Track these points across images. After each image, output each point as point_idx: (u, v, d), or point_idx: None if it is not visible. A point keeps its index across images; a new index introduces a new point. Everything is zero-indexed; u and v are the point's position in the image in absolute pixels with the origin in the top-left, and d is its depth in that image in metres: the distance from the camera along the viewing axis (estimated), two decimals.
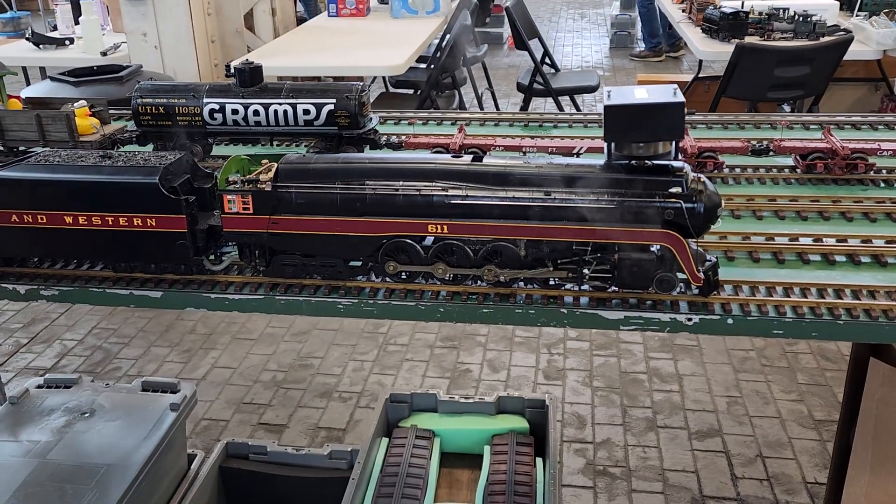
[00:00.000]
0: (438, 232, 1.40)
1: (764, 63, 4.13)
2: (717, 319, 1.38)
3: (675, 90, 1.31)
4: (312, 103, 2.03)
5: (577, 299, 1.44)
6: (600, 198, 1.34)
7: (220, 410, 3.39)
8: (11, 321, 4.09)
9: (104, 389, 2.63)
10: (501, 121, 2.51)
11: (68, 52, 5.05)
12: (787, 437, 3.11)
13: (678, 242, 1.31)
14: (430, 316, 1.48)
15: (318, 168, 1.46)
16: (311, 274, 1.51)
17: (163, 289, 1.55)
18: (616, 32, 9.41)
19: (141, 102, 2.11)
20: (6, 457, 2.34)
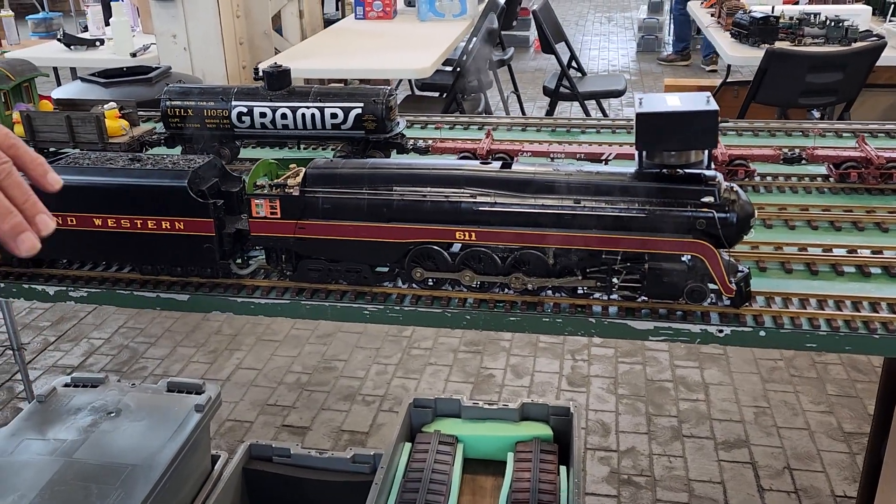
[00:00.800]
0: (466, 239, 1.39)
1: (795, 69, 4.08)
2: (749, 331, 1.35)
3: (708, 98, 1.29)
4: (340, 107, 2.03)
5: (606, 309, 1.42)
6: (631, 206, 1.32)
7: (245, 412, 3.40)
8: (40, 319, 4.14)
9: (130, 389, 2.65)
10: (528, 126, 2.49)
11: (98, 53, 5.12)
12: (816, 449, 3.06)
13: (710, 253, 1.29)
14: (456, 323, 1.47)
15: (346, 173, 1.45)
16: (337, 279, 1.50)
17: (189, 292, 1.55)
18: (643, 36, 9.34)
19: (170, 105, 2.12)
20: (33, 455, 2.37)
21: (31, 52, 5.20)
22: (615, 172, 1.37)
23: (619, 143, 2.27)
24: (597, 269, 1.38)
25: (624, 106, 7.34)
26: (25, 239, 0.76)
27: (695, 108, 1.25)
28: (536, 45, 9.57)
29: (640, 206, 1.32)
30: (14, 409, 3.45)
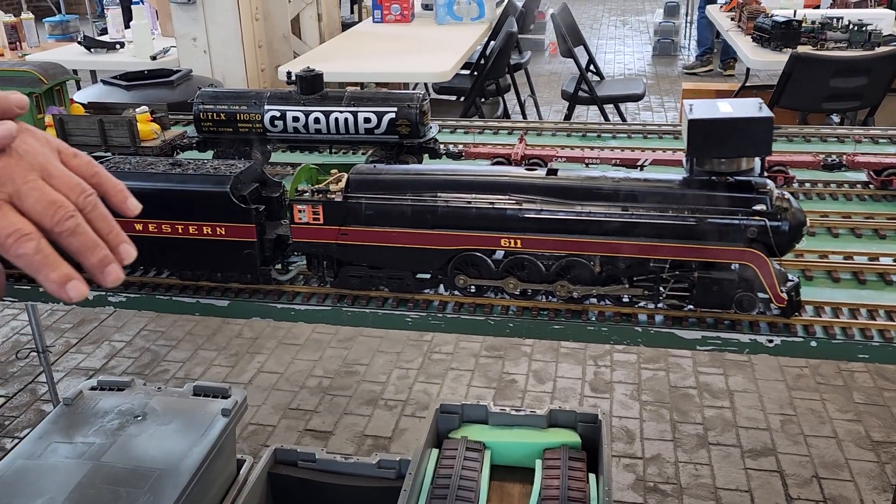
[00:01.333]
0: (511, 246, 1.38)
1: (819, 73, 4.04)
2: (800, 342, 1.33)
3: (760, 104, 1.27)
4: (373, 111, 2.02)
5: (652, 317, 1.40)
6: (680, 214, 1.30)
7: (267, 415, 3.39)
8: (62, 321, 4.15)
9: (156, 393, 2.64)
10: (559, 131, 2.47)
11: (119, 56, 5.13)
12: (844, 457, 3.03)
13: (762, 262, 1.27)
14: (499, 331, 1.45)
15: (389, 179, 1.44)
16: (379, 286, 1.49)
17: (229, 297, 1.54)
18: (659, 40, 9.31)
19: (202, 108, 2.11)
20: (61, 458, 2.36)
21: (51, 54, 5.22)
22: (663, 179, 1.36)
23: (651, 148, 2.25)
24: (644, 278, 1.36)
25: (641, 110, 7.31)
26: (112, 271, 0.76)
27: (749, 114, 1.24)
28: (552, 48, 9.56)
29: (690, 213, 1.30)
30: (37, 412, 3.46)
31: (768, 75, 7.46)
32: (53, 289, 0.75)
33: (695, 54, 8.68)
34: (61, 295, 0.75)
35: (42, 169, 0.76)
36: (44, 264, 0.74)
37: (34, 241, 0.74)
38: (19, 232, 0.73)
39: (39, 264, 0.74)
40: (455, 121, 2.58)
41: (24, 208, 0.74)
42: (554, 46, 9.57)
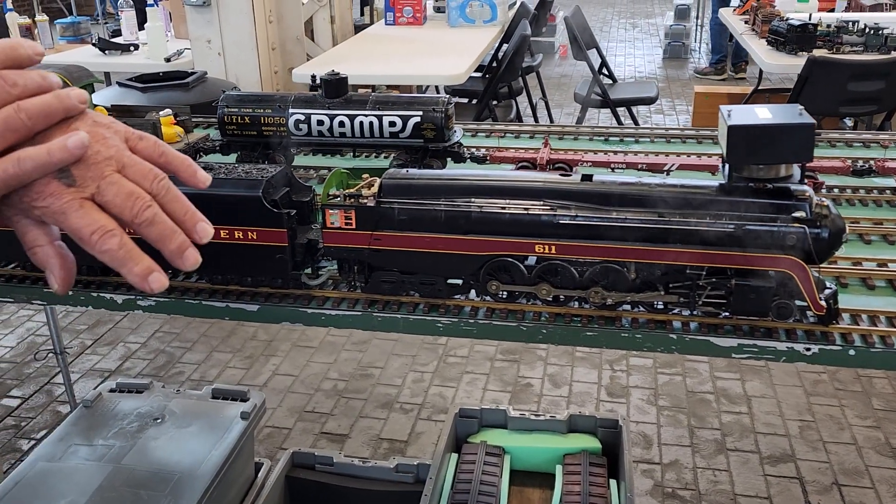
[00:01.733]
0: (546, 252, 1.37)
1: (837, 77, 4.02)
2: (838, 350, 1.32)
3: (800, 111, 1.26)
4: (399, 115, 2.01)
5: (687, 324, 1.39)
6: (718, 221, 1.29)
7: (283, 418, 3.39)
8: (77, 322, 4.15)
9: (175, 395, 2.63)
10: (580, 134, 2.47)
11: (133, 58, 5.14)
12: (864, 464, 3.01)
13: (802, 269, 1.26)
14: (531, 337, 1.44)
15: (422, 184, 1.43)
16: (410, 291, 1.49)
17: (259, 302, 1.54)
18: (670, 43, 9.29)
19: (226, 112, 2.11)
20: (82, 460, 2.36)
21: (65, 56, 5.23)
22: (701, 186, 1.35)
23: (675, 152, 2.24)
24: (680, 284, 1.35)
25: (652, 113, 7.29)
26: (189, 256, 0.77)
27: (791, 120, 1.23)
28: (562, 50, 9.55)
29: (728, 220, 1.29)
30: (54, 413, 3.46)
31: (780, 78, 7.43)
32: (136, 281, 0.76)
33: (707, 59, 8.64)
34: (143, 287, 0.76)
35: (116, 160, 0.76)
36: (127, 258, 0.75)
37: (117, 236, 0.74)
38: (103, 229, 0.74)
39: (123, 258, 0.75)
40: (476, 124, 2.57)
41: (104, 203, 0.75)
42: (564, 49, 9.56)
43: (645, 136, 2.43)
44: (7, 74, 0.74)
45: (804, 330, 1.35)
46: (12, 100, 0.74)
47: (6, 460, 3.09)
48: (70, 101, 0.76)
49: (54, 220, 0.75)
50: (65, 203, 0.74)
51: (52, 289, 0.80)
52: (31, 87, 0.75)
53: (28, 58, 0.77)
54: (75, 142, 0.73)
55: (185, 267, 0.78)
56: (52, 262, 0.79)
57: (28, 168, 0.73)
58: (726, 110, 1.30)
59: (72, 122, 0.77)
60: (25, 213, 0.77)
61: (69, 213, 0.74)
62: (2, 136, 0.73)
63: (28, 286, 1.66)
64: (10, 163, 0.72)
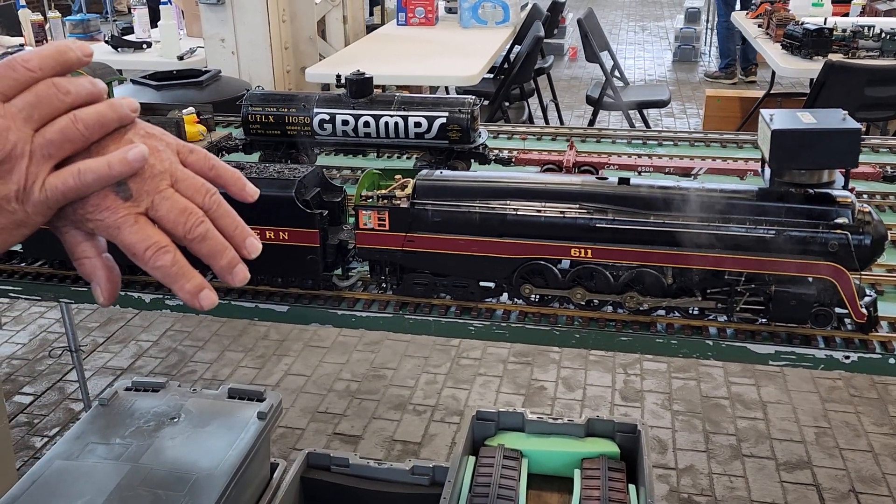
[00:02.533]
0: (581, 256, 1.36)
1: (854, 82, 4.01)
2: (878, 359, 1.30)
3: (844, 116, 1.25)
4: (424, 116, 2.00)
5: (723, 331, 1.38)
6: (759, 226, 1.28)
7: (296, 419, 3.38)
8: (88, 320, 4.15)
9: (191, 395, 2.62)
10: (603, 137, 2.45)
11: (146, 56, 5.14)
12: (881, 472, 2.99)
13: (844, 276, 1.24)
14: (564, 341, 1.43)
15: (457, 186, 1.42)
16: (441, 294, 1.47)
17: (289, 303, 1.53)
18: (680, 46, 9.28)
19: (251, 111, 2.10)
20: (100, 458, 2.35)
21: None
22: (740, 190, 1.33)
23: (700, 156, 2.23)
24: (718, 290, 1.34)
25: (663, 116, 7.28)
26: (239, 272, 0.77)
27: (836, 126, 1.21)
28: (572, 52, 9.53)
29: (769, 225, 1.27)
30: (66, 410, 3.45)
31: (791, 83, 7.42)
32: (187, 298, 0.75)
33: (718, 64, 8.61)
34: (194, 303, 0.75)
35: (170, 174, 0.75)
36: (179, 275, 0.74)
37: (171, 253, 0.74)
38: (157, 245, 0.73)
39: (175, 275, 0.74)
40: (497, 126, 2.56)
41: (157, 218, 0.73)
42: (574, 51, 9.55)
43: (668, 139, 2.41)
44: (59, 82, 0.72)
45: (843, 338, 1.34)
46: (66, 108, 0.72)
47: (20, 457, 3.08)
48: (123, 110, 0.75)
49: (108, 233, 0.74)
50: (120, 217, 0.73)
51: (97, 300, 0.79)
52: (83, 94, 0.73)
53: (78, 61, 0.75)
54: (135, 154, 0.72)
55: (235, 283, 0.78)
56: (99, 273, 0.78)
57: (89, 181, 0.71)
58: (768, 115, 1.29)
59: (124, 133, 0.75)
60: (76, 225, 0.75)
61: (123, 228, 0.73)
62: (60, 146, 0.71)
63: (55, 284, 1.65)
64: (71, 175, 0.71)
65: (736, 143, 2.36)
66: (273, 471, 2.66)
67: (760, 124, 1.31)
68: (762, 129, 1.30)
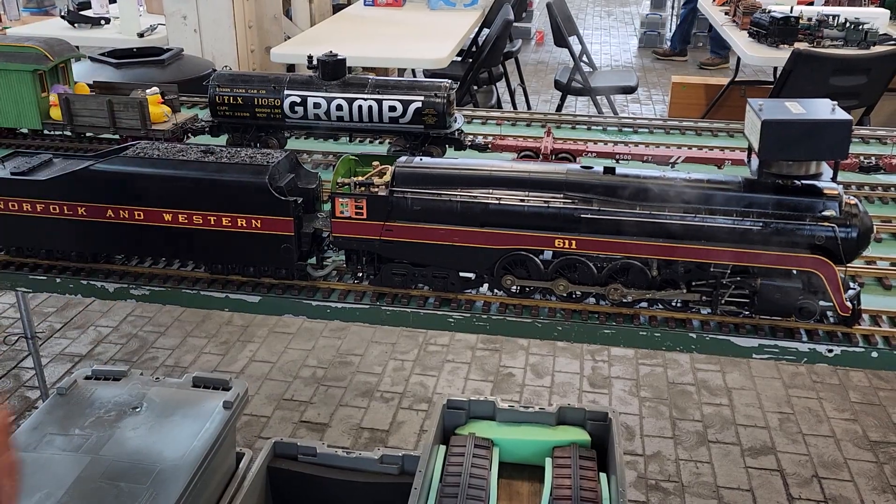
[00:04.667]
0: (566, 247, 1.33)
1: (820, 71, 4.04)
2: (861, 352, 1.30)
3: (833, 107, 1.23)
4: (399, 100, 1.95)
5: (707, 323, 1.36)
6: (745, 218, 1.26)
7: (261, 406, 3.32)
8: (44, 305, 4.02)
9: (154, 384, 2.54)
10: (578, 123, 2.42)
11: (104, 33, 4.96)
12: (843, 457, 3.04)
13: (830, 270, 1.23)
14: (546, 334, 1.40)
15: (438, 173, 1.38)
16: (420, 284, 1.43)
17: (261, 293, 1.47)
18: (646, 32, 9.30)
19: (218, 92, 2.02)
20: (58, 450, 2.26)
21: (32, 28, 5.02)
22: (726, 181, 1.31)
23: (676, 144, 2.21)
24: (703, 283, 1.32)
25: (629, 102, 7.29)
26: None
27: (827, 117, 1.19)
28: (539, 37, 9.50)
29: (756, 218, 1.26)
30: (22, 398, 3.34)
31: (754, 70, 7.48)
32: None
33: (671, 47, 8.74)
34: None
35: None
36: None
37: None
38: None
39: None
40: (471, 110, 2.51)
41: None
42: (541, 35, 9.51)
43: (643, 126, 2.39)
44: None
45: (826, 331, 1.33)
46: None
47: None
48: None
49: None
50: None
51: None
52: None
53: None
54: None
55: None
56: None
57: None
58: (756, 104, 1.26)
59: None
60: None
61: None
62: None
63: (12, 272, 1.56)
64: None
65: (710, 131, 2.35)
66: (239, 461, 2.60)
67: (748, 113, 1.29)
68: (750, 119, 1.28)
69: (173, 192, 1.41)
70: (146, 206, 1.41)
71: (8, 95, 2.05)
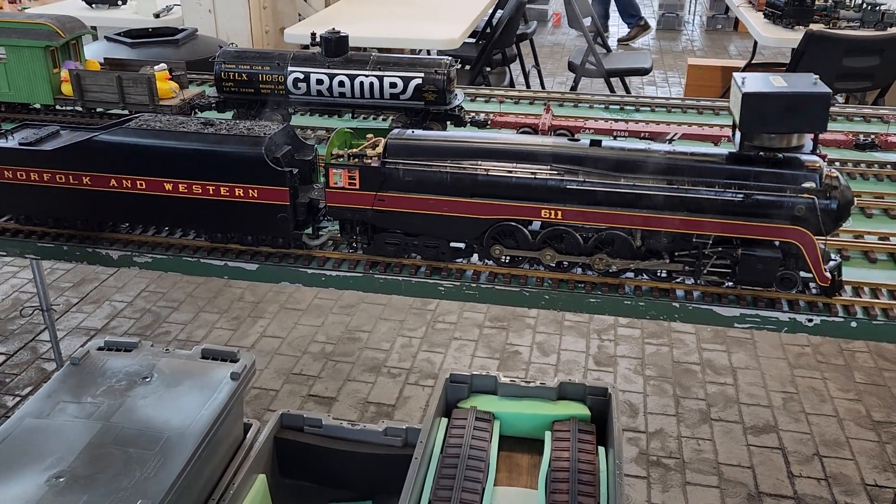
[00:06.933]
0: (551, 218, 1.36)
1: (833, 52, 4.01)
2: (840, 322, 1.32)
3: (815, 80, 1.25)
4: (400, 76, 1.98)
5: (690, 293, 1.39)
6: (727, 190, 1.28)
7: (270, 380, 3.38)
8: (62, 280, 4.11)
9: (164, 355, 2.61)
10: (581, 102, 2.44)
11: (121, 13, 5.02)
12: (845, 436, 3.06)
13: (809, 240, 1.26)
14: (534, 302, 1.44)
15: (428, 145, 1.41)
16: (413, 254, 1.47)
17: (259, 261, 1.52)
18: (664, 14, 9.23)
19: (224, 68, 2.07)
20: (70, 417, 2.34)
21: (51, 8, 5.09)
22: (710, 154, 1.34)
23: (676, 122, 2.23)
24: (686, 253, 1.35)
25: (645, 84, 7.26)
26: None
27: (806, 89, 1.21)
28: (556, 19, 9.45)
29: (737, 189, 1.28)
30: (38, 370, 3.43)
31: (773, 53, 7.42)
32: None
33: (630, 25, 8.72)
34: None
35: None
36: None
37: None
38: None
39: None
40: (475, 89, 2.54)
41: None
42: (558, 17, 9.47)
43: (645, 105, 2.41)
44: None
45: (807, 301, 1.35)
46: None
47: None
48: None
49: None
50: None
51: None
52: None
53: None
54: None
55: None
56: None
57: None
58: (740, 78, 1.29)
59: None
60: None
61: None
62: None
63: (21, 240, 1.62)
64: None
65: (713, 109, 2.36)
66: (246, 431, 2.67)
67: (732, 88, 1.31)
68: (734, 93, 1.30)
69: (174, 162, 1.46)
70: (148, 177, 1.46)
71: (21, 71, 2.11)
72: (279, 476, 2.66)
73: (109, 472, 2.08)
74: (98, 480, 2.04)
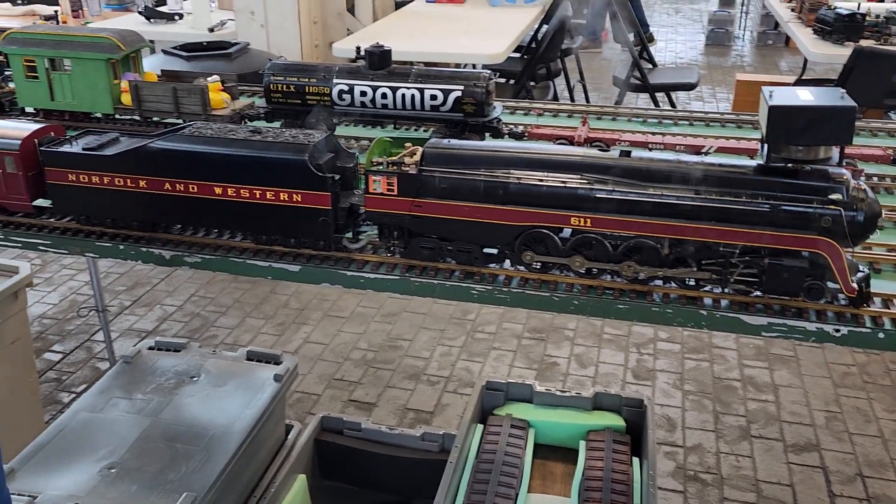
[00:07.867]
0: (581, 225, 1.40)
1: (882, 68, 3.96)
2: (868, 333, 1.33)
3: (842, 94, 1.28)
4: (440, 89, 2.04)
5: (718, 301, 1.42)
6: (754, 200, 1.31)
7: (312, 385, 3.47)
8: (116, 283, 4.27)
9: (211, 356, 2.70)
10: (618, 115, 2.48)
11: (177, 27, 5.21)
12: (890, 457, 3.01)
13: (835, 251, 1.27)
14: (563, 307, 1.48)
15: (464, 154, 1.47)
16: (447, 258, 1.53)
17: (301, 263, 1.59)
18: (713, 29, 9.17)
19: (273, 80, 2.16)
20: (121, 412, 2.44)
21: (112, 23, 5.32)
22: (738, 165, 1.37)
23: (713, 136, 2.25)
24: (713, 262, 1.37)
25: (692, 99, 7.22)
26: None
27: (832, 103, 1.24)
28: (604, 35, 9.46)
29: (764, 200, 1.31)
30: (93, 369, 3.57)
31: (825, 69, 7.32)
32: None
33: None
34: None
35: None
36: None
37: None
38: None
39: None
40: (515, 102, 2.59)
41: None
42: (606, 33, 9.47)
43: (684, 119, 2.43)
44: None
45: (835, 312, 1.37)
46: None
47: (47, 411, 3.20)
48: None
49: None
50: None
51: None
52: None
53: None
54: None
55: None
56: None
57: None
58: (768, 91, 1.31)
59: None
60: None
61: None
62: None
63: (82, 239, 1.73)
64: None
65: (751, 124, 2.38)
66: (288, 432, 2.74)
67: (761, 101, 1.34)
68: (762, 106, 1.33)
69: (223, 167, 1.54)
70: (199, 181, 1.55)
71: (84, 82, 2.24)
72: (319, 477, 2.73)
73: (157, 466, 2.17)
74: (146, 473, 2.13)
